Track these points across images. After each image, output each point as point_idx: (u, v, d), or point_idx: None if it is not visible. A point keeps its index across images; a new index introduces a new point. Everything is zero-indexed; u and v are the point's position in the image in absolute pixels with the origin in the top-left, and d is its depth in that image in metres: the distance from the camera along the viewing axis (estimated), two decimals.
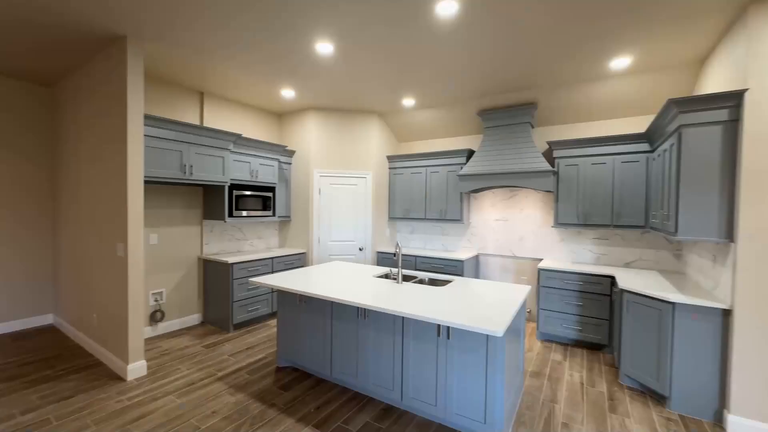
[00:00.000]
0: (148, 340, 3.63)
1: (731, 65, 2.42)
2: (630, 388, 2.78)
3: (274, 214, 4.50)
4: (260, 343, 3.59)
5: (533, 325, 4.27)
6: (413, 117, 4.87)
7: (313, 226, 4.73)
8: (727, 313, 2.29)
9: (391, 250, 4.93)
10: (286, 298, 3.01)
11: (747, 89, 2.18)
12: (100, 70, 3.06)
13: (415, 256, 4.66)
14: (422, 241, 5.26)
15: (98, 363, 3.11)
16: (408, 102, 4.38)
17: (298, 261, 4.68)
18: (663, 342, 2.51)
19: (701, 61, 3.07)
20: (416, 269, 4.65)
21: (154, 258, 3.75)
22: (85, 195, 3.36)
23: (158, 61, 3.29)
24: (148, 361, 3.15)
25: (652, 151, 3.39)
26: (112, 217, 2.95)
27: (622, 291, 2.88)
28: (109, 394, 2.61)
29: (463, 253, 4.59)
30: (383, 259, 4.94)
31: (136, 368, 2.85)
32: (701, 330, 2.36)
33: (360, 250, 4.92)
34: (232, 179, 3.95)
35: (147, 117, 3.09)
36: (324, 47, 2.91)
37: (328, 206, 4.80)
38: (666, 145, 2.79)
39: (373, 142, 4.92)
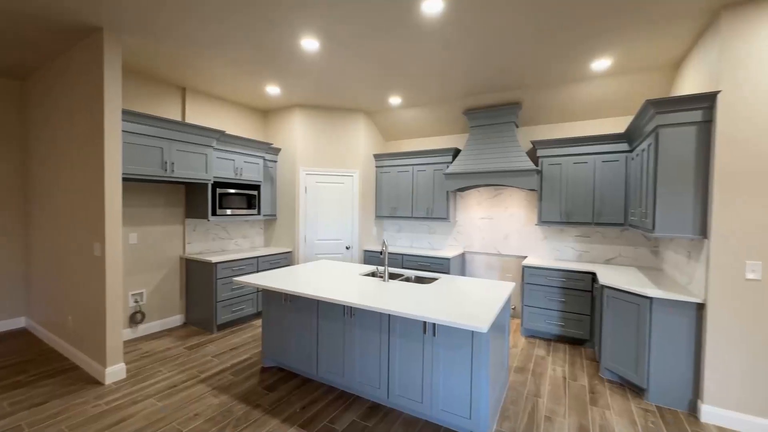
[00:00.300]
0: (128, 343, 3.53)
1: (705, 68, 2.51)
2: (610, 381, 2.86)
3: (259, 213, 4.44)
4: (245, 344, 3.54)
5: (518, 321, 4.34)
6: (400, 116, 4.87)
7: (300, 224, 4.69)
8: (700, 307, 2.38)
9: (379, 248, 4.92)
10: (271, 297, 2.97)
11: (719, 91, 2.26)
12: (76, 63, 2.94)
13: (402, 255, 4.67)
14: (409, 240, 5.28)
15: (74, 367, 3.00)
16: (394, 100, 4.38)
17: (284, 260, 4.63)
18: (641, 336, 2.59)
19: (677, 64, 3.18)
20: (403, 267, 4.66)
21: (134, 258, 3.64)
22: (60, 193, 3.24)
23: (138, 55, 3.19)
24: (127, 363, 3.06)
25: (630, 151, 3.49)
26: (89, 215, 2.84)
27: (603, 287, 2.96)
28: (86, 398, 2.52)
29: (449, 251, 4.63)
30: (370, 257, 4.93)
31: (115, 371, 2.77)
32: (677, 324, 2.45)
33: (347, 248, 4.90)
34: (215, 177, 3.87)
35: (126, 112, 2.99)
36: (309, 44, 2.87)
37: (314, 205, 4.76)
38: (644, 145, 2.87)
39: (360, 141, 4.90)
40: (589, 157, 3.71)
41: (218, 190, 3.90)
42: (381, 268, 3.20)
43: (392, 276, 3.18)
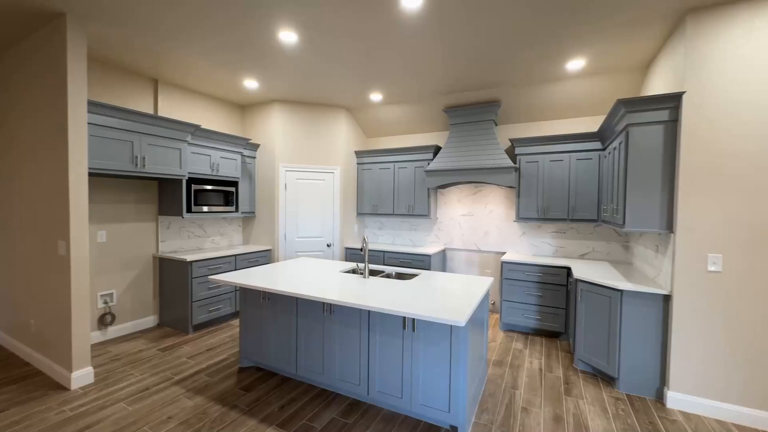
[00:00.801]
0: (97, 346, 3.37)
1: (672, 69, 2.62)
2: (583, 372, 2.95)
3: (237, 210, 4.33)
4: (222, 344, 3.45)
5: (497, 316, 4.43)
6: (381, 112, 4.86)
7: (279, 222, 4.61)
8: (667, 299, 2.49)
9: (359, 245, 4.90)
10: (249, 295, 2.90)
11: (684, 92, 2.36)
12: (37, 51, 2.77)
13: (384, 252, 4.66)
14: (391, 237, 5.29)
15: (37, 372, 2.85)
16: (375, 97, 4.36)
17: (264, 258, 4.54)
18: (612, 327, 2.68)
19: (647, 66, 3.30)
20: (384, 264, 4.66)
21: (103, 257, 3.48)
22: (20, 188, 3.05)
23: (105, 44, 3.04)
24: (96, 367, 2.93)
25: (603, 150, 3.60)
26: (53, 212, 2.69)
27: (577, 281, 3.05)
28: (50, 405, 2.39)
29: (430, 248, 4.66)
30: (352, 254, 4.91)
31: (82, 376, 2.64)
32: (645, 315, 2.55)
33: (328, 246, 4.85)
34: (190, 173, 3.75)
35: (92, 104, 2.85)
36: (287, 36, 2.82)
37: (294, 202, 4.68)
38: (615, 143, 2.97)
39: (341, 137, 4.86)
40: (564, 155, 3.82)
41: (193, 187, 3.78)
42: (361, 265, 3.19)
43: (373, 273, 3.17)
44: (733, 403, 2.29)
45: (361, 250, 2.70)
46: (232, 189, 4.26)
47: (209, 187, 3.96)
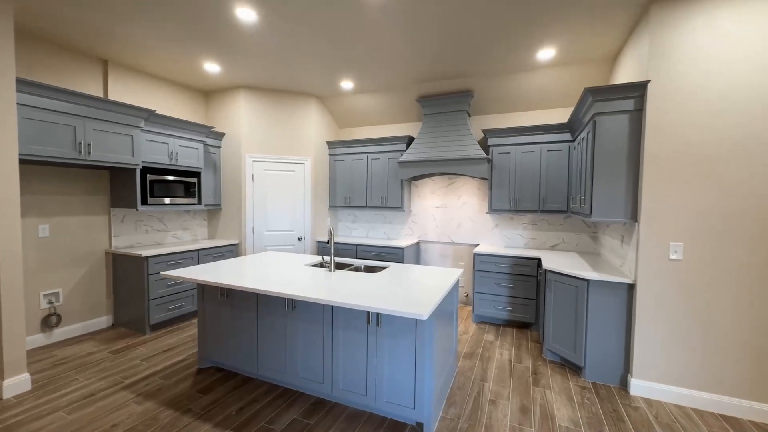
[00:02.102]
0: (40, 350, 3.10)
1: (637, 59, 2.62)
2: (551, 362, 2.96)
3: (199, 202, 4.09)
4: (182, 344, 3.25)
5: (470, 308, 4.42)
6: (354, 102, 4.71)
7: (246, 215, 4.40)
8: (631, 288, 2.51)
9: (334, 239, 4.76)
10: (207, 292, 2.73)
11: (649, 81, 2.37)
12: None
13: (357, 245, 4.55)
14: (365, 230, 5.18)
15: None
16: (346, 84, 4.21)
17: (230, 253, 4.33)
18: (579, 317, 2.69)
19: (614, 57, 3.32)
20: (357, 258, 4.55)
21: (46, 253, 3.18)
22: None
23: (43, 19, 2.74)
24: (35, 374, 2.68)
25: (572, 141, 3.62)
26: None
27: (546, 271, 3.05)
28: None
29: (404, 241, 4.59)
30: (324, 248, 4.77)
31: (16, 384, 2.39)
32: (610, 304, 2.57)
33: (299, 240, 4.69)
34: (144, 162, 3.49)
35: (23, 82, 2.56)
36: (245, 13, 2.62)
37: (262, 194, 4.48)
38: (584, 134, 2.97)
39: (312, 127, 4.68)
40: (536, 146, 3.81)
41: (149, 177, 3.52)
42: (328, 258, 3.06)
43: (341, 266, 3.05)
44: (690, 388, 2.34)
45: (328, 242, 2.57)
46: (194, 180, 4.01)
47: (168, 178, 3.70)
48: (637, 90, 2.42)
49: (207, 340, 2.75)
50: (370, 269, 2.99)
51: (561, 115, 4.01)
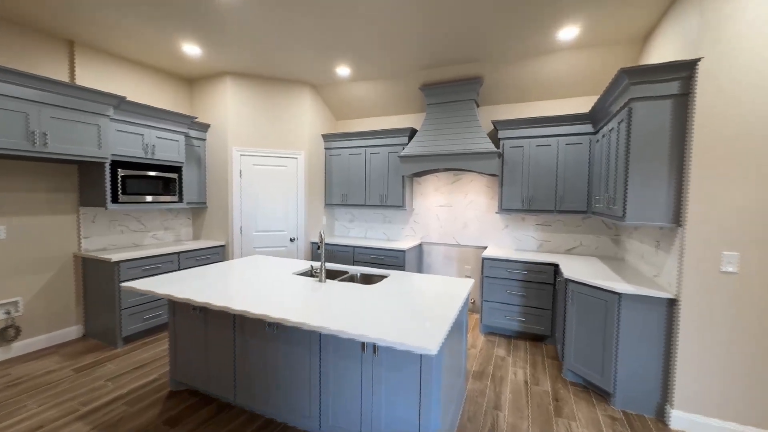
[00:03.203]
0: None
1: (681, 35, 2.23)
2: (574, 384, 2.61)
3: (180, 200, 3.72)
4: (156, 360, 2.89)
5: (477, 317, 4.06)
6: (351, 91, 4.32)
7: (234, 214, 4.03)
8: (672, 303, 2.14)
9: (329, 240, 4.40)
10: (180, 305, 2.37)
11: (700, 59, 1.98)
12: None
13: (353, 247, 4.19)
14: (363, 230, 4.81)
15: None
16: (342, 71, 3.82)
17: (216, 256, 3.97)
18: (608, 335, 2.33)
19: (645, 37, 2.93)
20: (354, 261, 4.19)
21: (2, 258, 2.82)
22: None
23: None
24: None
25: (595, 133, 3.24)
26: None
27: (567, 281, 2.68)
28: None
29: (405, 243, 4.23)
30: (318, 251, 4.40)
31: None
32: (646, 321, 2.20)
33: (291, 241, 4.32)
34: (115, 155, 3.11)
35: None
36: None
37: (251, 191, 4.11)
38: (613, 124, 2.59)
39: (305, 118, 4.29)
40: (552, 140, 3.43)
41: (120, 172, 3.15)
42: (318, 265, 2.70)
43: (334, 274, 2.69)
44: (745, 424, 1.98)
45: (318, 247, 2.20)
46: (174, 175, 3.64)
47: (143, 173, 3.33)
48: (685, 70, 2.04)
49: (179, 359, 2.39)
50: (366, 279, 2.62)
51: (580, 105, 3.62)
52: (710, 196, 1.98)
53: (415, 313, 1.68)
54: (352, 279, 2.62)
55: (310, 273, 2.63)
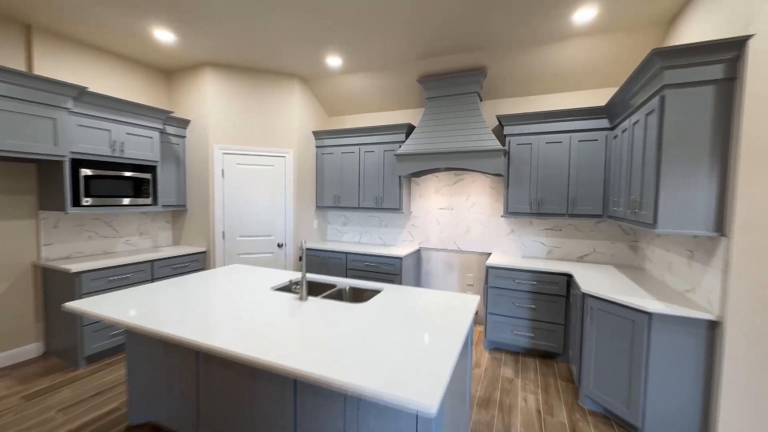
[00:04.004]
0: None
1: (719, 13, 1.91)
2: (593, 414, 2.28)
3: (155, 203, 3.39)
4: (118, 384, 2.56)
5: (480, 329, 3.74)
6: (344, 84, 4.00)
7: (215, 217, 3.70)
8: (714, 326, 1.82)
9: (320, 245, 4.08)
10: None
11: (751, 35, 1.66)
12: None
13: (346, 253, 3.86)
14: (357, 234, 4.48)
15: None
16: (333, 61, 3.49)
17: (196, 263, 3.64)
18: (635, 359, 2.01)
19: (670, 21, 2.61)
20: (347, 269, 3.86)
21: None
22: None
23: None
24: None
25: (612, 129, 2.92)
26: None
27: (585, 295, 2.36)
28: None
29: (402, 248, 3.90)
30: (310, 256, 4.08)
31: None
32: (682, 346, 1.88)
33: (279, 246, 3.99)
34: (76, 152, 2.78)
35: None
36: None
37: (235, 192, 3.78)
38: (638, 116, 2.27)
39: (294, 114, 3.96)
40: (563, 136, 3.11)
41: (83, 171, 2.82)
42: (300, 276, 2.38)
43: (318, 289, 2.36)
44: None
45: (300, 258, 1.88)
46: (148, 175, 3.31)
47: (110, 173, 3.00)
48: (732, 50, 1.72)
49: (138, 389, 2.06)
50: (356, 294, 2.30)
51: (594, 98, 3.30)
52: (762, 200, 1.66)
53: (412, 341, 1.36)
54: (339, 294, 2.30)
55: (291, 288, 2.30)
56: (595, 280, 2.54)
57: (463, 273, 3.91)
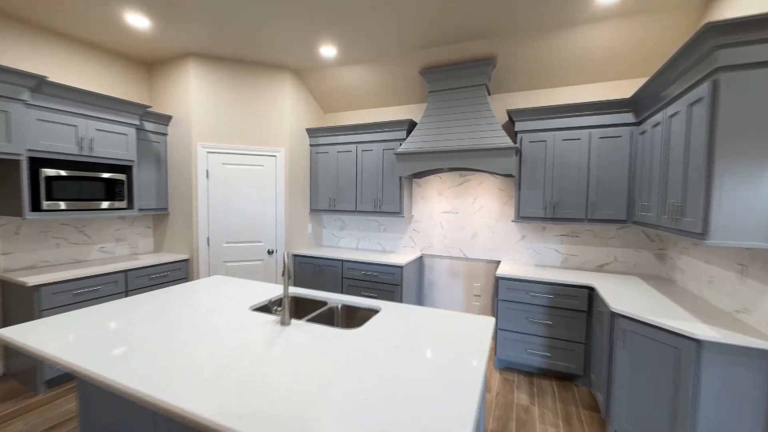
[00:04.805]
0: None
1: None
2: None
3: (131, 206, 3.08)
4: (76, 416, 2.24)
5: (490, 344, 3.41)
6: (340, 78, 3.69)
7: (199, 222, 3.39)
8: None
9: (314, 252, 3.76)
10: None
11: None
12: None
13: (342, 261, 3.54)
14: (354, 239, 4.17)
15: None
16: (327, 51, 3.18)
17: (177, 272, 3.32)
18: (681, 393, 1.69)
19: (705, 2, 2.30)
20: (343, 278, 3.55)
21: None
22: None
23: None
24: None
25: (638, 123, 2.61)
26: None
27: (615, 314, 2.04)
28: None
29: (403, 256, 3.58)
30: (303, 264, 3.76)
31: None
32: (741, 380, 1.57)
33: (269, 253, 3.68)
34: (35, 151, 2.47)
35: None
36: None
37: (221, 195, 3.47)
38: (677, 107, 1.95)
39: (286, 109, 3.65)
40: (582, 132, 2.80)
41: (44, 172, 2.51)
42: (282, 293, 2.06)
43: (306, 307, 2.05)
44: None
45: (284, 273, 1.58)
46: (122, 176, 3.00)
47: (76, 173, 2.69)
48: None
49: (90, 426, 1.75)
50: (350, 314, 1.98)
51: (616, 91, 2.99)
52: None
53: (412, 396, 1.04)
54: (330, 314, 1.98)
55: (272, 309, 1.98)
56: (624, 296, 2.22)
57: (469, 282, 3.59)
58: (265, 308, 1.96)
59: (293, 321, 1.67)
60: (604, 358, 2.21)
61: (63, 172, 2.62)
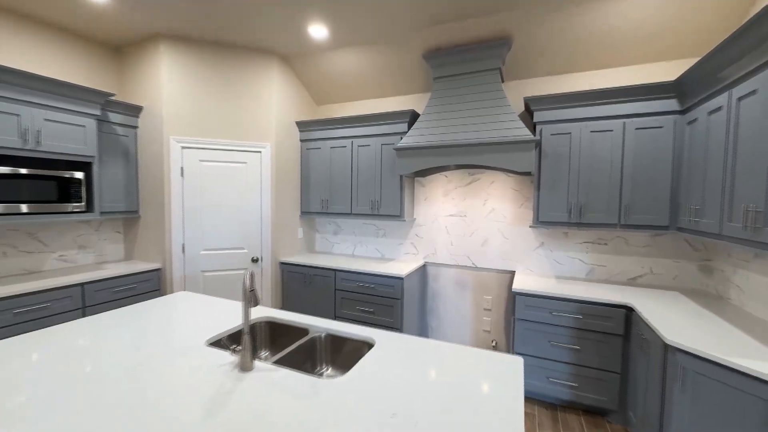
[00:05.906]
0: None
1: None
2: None
3: (90, 209, 2.68)
4: None
5: None
6: (334, 64, 3.28)
7: (173, 226, 2.99)
8: None
9: (304, 260, 3.36)
10: None
11: None
12: None
13: (335, 270, 3.14)
14: (351, 245, 3.76)
15: None
16: (318, 31, 2.77)
17: (147, 283, 2.92)
18: None
19: None
20: (336, 290, 3.14)
21: None
22: None
23: None
24: None
25: (683, 111, 2.19)
26: None
27: (669, 347, 1.63)
28: None
29: (404, 264, 3.17)
30: (290, 273, 3.36)
31: None
32: None
33: (254, 261, 3.28)
34: None
35: None
36: None
37: (197, 195, 3.07)
38: (750, 86, 1.54)
39: (273, 99, 3.25)
40: (615, 123, 2.38)
41: None
42: (257, 314, 1.66)
43: (280, 336, 1.65)
44: None
45: (244, 297, 1.17)
46: (80, 174, 2.60)
47: (17, 170, 2.29)
48: None
49: None
50: (336, 346, 1.58)
51: (653, 75, 2.57)
52: None
53: None
54: (311, 348, 1.57)
55: (232, 346, 1.58)
56: (674, 320, 1.81)
57: (479, 295, 3.18)
58: (222, 343, 1.55)
59: (257, 363, 1.26)
60: (652, 398, 1.80)
61: (3, 169, 2.22)
